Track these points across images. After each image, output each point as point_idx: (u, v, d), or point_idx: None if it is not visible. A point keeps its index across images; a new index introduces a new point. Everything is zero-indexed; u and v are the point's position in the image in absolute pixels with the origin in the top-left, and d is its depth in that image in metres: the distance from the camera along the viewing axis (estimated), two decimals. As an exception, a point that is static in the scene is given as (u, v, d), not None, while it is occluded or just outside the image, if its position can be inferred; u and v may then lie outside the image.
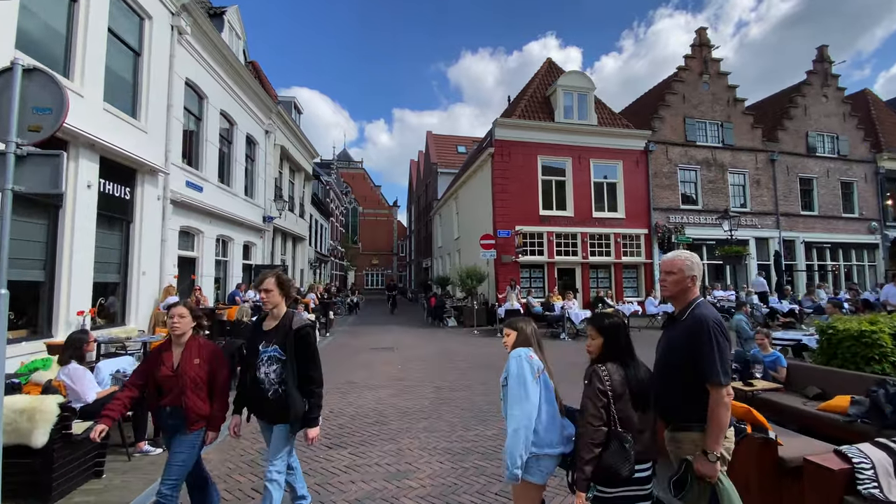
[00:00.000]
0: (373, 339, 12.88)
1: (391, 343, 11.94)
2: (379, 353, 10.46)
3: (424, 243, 33.86)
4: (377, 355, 10.06)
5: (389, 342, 12.10)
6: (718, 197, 18.67)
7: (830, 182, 20.07)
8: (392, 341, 12.20)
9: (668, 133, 18.37)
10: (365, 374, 8.02)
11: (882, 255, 20.38)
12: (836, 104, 20.55)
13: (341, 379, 7.60)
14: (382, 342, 12.13)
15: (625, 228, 17.47)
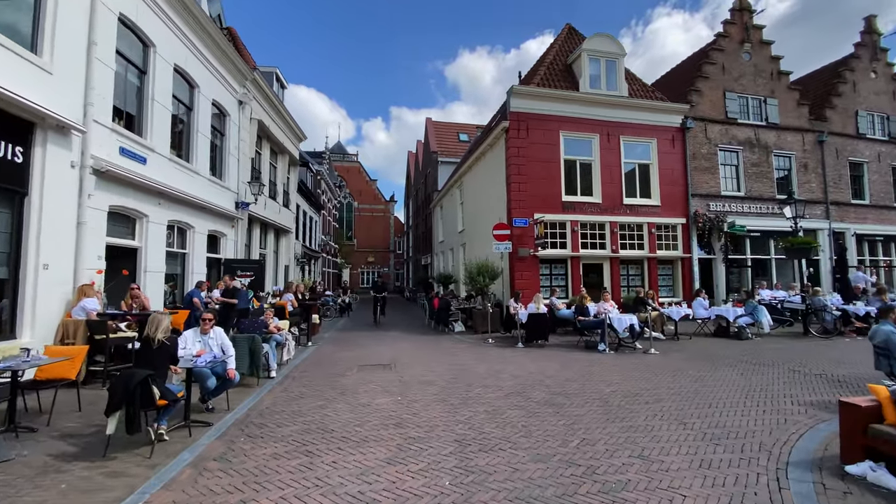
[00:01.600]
0: (364, 350, 10.41)
1: (388, 357, 9.47)
2: (371, 372, 7.99)
3: (423, 239, 31.38)
4: (369, 377, 7.59)
5: (385, 356, 9.63)
6: (762, 182, 16.34)
7: (882, 168, 17.79)
8: (388, 355, 9.74)
9: (707, 109, 16.00)
10: (349, 413, 5.55)
11: (941, 250, 18.14)
12: (886, 81, 18.29)
13: (312, 424, 5.13)
14: (376, 356, 9.66)
15: (660, 218, 15.08)
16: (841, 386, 6.74)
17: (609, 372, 7.81)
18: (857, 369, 7.82)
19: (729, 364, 8.41)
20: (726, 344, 10.81)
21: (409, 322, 17.21)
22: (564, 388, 6.67)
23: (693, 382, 7.01)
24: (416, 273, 33.83)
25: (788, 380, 7.16)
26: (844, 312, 11.77)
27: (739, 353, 9.60)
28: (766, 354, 9.35)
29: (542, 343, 10.86)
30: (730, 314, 11.60)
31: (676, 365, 8.39)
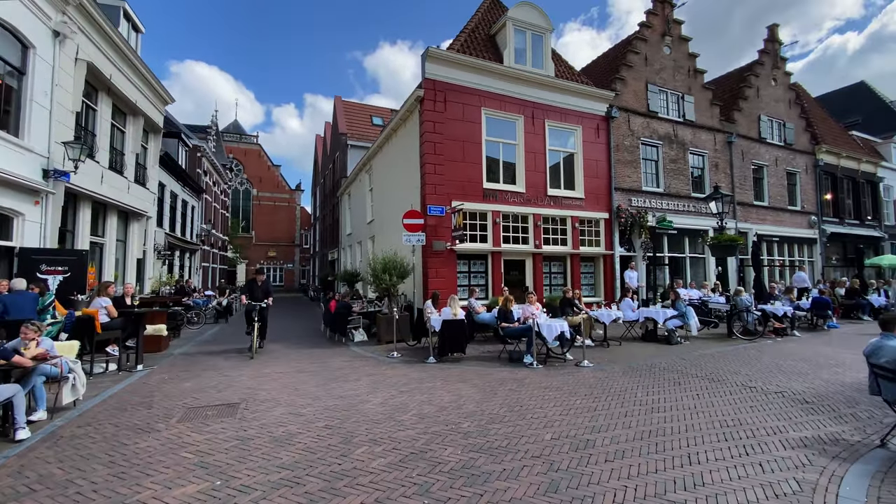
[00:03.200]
0: (215, 378, 7.52)
1: (243, 390, 6.73)
2: (202, 421, 5.27)
3: (330, 232, 28.12)
4: (191, 433, 4.88)
5: (240, 388, 6.87)
6: (680, 179, 16.09)
7: (778, 171, 18.73)
8: (245, 386, 6.99)
9: (631, 99, 15.28)
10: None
11: (819, 251, 19.62)
12: (784, 89, 19.33)
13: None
14: (227, 388, 6.87)
15: (584, 211, 13.96)
16: (812, 409, 5.54)
17: (543, 400, 5.94)
18: (810, 383, 6.85)
19: (675, 380, 7.05)
20: (658, 350, 9.71)
21: (301, 330, 14.28)
22: (489, 438, 4.60)
23: (648, 414, 5.38)
24: (321, 270, 30.37)
25: (751, 402, 5.85)
26: (763, 313, 11.38)
27: (678, 362, 8.43)
28: (707, 364, 8.25)
29: (459, 356, 8.84)
30: (659, 316, 10.59)
31: (618, 384, 6.82)
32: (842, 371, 7.61)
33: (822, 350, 9.55)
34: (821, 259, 19.43)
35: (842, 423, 5.11)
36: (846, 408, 5.62)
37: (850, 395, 6.11)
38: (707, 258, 16.52)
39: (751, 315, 11.26)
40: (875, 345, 4.64)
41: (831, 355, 8.97)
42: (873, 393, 4.73)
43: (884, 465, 3.98)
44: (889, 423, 5.04)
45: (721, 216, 11.71)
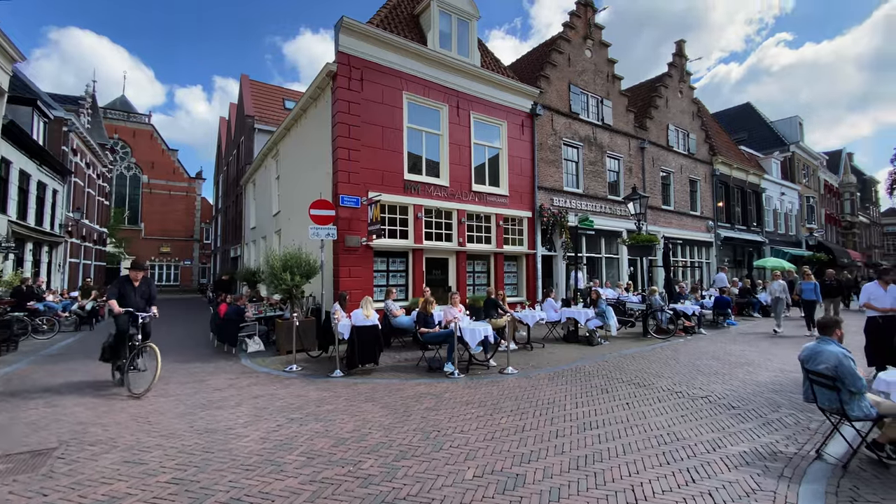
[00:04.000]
0: (41, 406, 5.64)
1: (71, 424, 5.02)
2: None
3: (233, 225, 25.20)
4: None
5: (70, 421, 5.14)
6: (598, 181, 16.38)
7: (682, 178, 20.02)
8: (80, 416, 5.26)
9: (555, 99, 15.19)
10: None
11: (714, 253, 21.37)
12: (688, 102, 20.75)
13: None
14: (54, 419, 5.11)
15: (508, 209, 13.50)
16: (740, 416, 5.27)
17: (465, 421, 5.04)
18: (729, 384, 6.75)
19: (602, 387, 6.58)
20: (580, 351, 9.38)
21: (184, 339, 12.10)
22: (395, 482, 3.57)
23: (580, 432, 4.72)
24: (223, 268, 27.18)
25: (681, 410, 5.48)
26: (674, 311, 11.67)
27: (601, 365, 8.07)
28: (630, 367, 7.98)
29: (372, 367, 7.70)
30: (581, 316, 10.33)
31: (546, 394, 6.17)
32: (753, 370, 7.71)
33: (729, 348, 9.87)
34: (715, 261, 21.20)
35: (772, 431, 4.84)
36: (770, 412, 5.45)
37: (770, 398, 6.02)
38: (621, 258, 17.05)
39: (664, 314, 11.50)
40: (812, 350, 4.36)
41: (738, 353, 9.24)
42: (808, 400, 4.47)
43: (831, 485, 3.63)
44: (816, 430, 4.89)
45: (639, 217, 11.85)
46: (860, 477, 3.82)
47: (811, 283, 11.76)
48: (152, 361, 6.59)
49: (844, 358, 4.07)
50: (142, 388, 6.18)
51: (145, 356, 6.95)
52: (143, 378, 6.63)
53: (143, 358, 6.93)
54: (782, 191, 26.87)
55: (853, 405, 4.01)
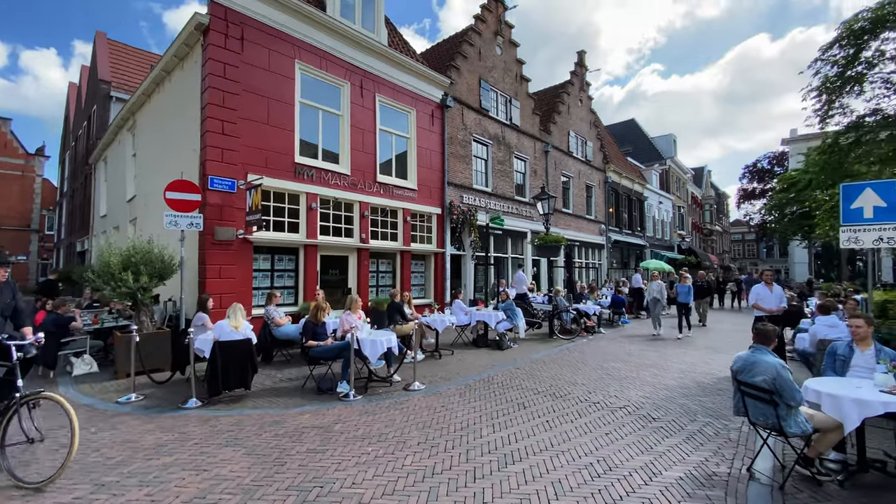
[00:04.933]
0: None
1: None
2: None
3: (81, 212, 20.61)
4: None
5: None
6: (505, 181, 16.18)
7: (580, 183, 20.90)
8: None
9: (465, 92, 14.57)
10: None
11: (606, 255, 22.74)
12: (587, 111, 21.77)
13: None
14: None
15: (416, 204, 12.50)
16: (663, 430, 4.85)
17: (359, 466, 3.87)
18: (641, 389, 6.49)
19: (518, 401, 5.87)
20: (491, 357, 8.72)
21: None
22: None
23: (503, 468, 3.85)
24: (66, 265, 22.12)
25: (604, 426, 4.94)
26: (577, 311, 11.69)
27: (514, 372, 7.43)
28: (542, 373, 7.46)
29: (242, 393, 6.09)
30: (492, 319, 9.72)
31: (458, 416, 5.24)
32: (658, 372, 7.67)
33: (628, 348, 9.99)
34: (606, 262, 22.60)
35: (698, 446, 4.46)
36: (689, 422, 5.15)
37: (683, 405, 5.80)
38: (527, 259, 17.09)
39: (568, 314, 11.43)
40: (746, 360, 3.98)
41: (638, 353, 9.34)
42: (739, 414, 4.11)
43: (779, 516, 3.18)
44: (737, 441, 4.62)
45: (547, 216, 11.66)
46: (797, 499, 3.47)
47: (686, 286, 11.56)
48: (60, 421, 3.81)
49: (783, 369, 3.73)
50: (43, 475, 3.61)
51: (36, 415, 3.88)
52: (40, 454, 4.07)
53: (33, 418, 3.84)
54: (660, 200, 29.93)
55: (790, 421, 3.67)
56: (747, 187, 42.95)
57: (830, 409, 3.73)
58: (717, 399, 6.08)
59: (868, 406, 3.57)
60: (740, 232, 57.14)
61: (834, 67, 8.20)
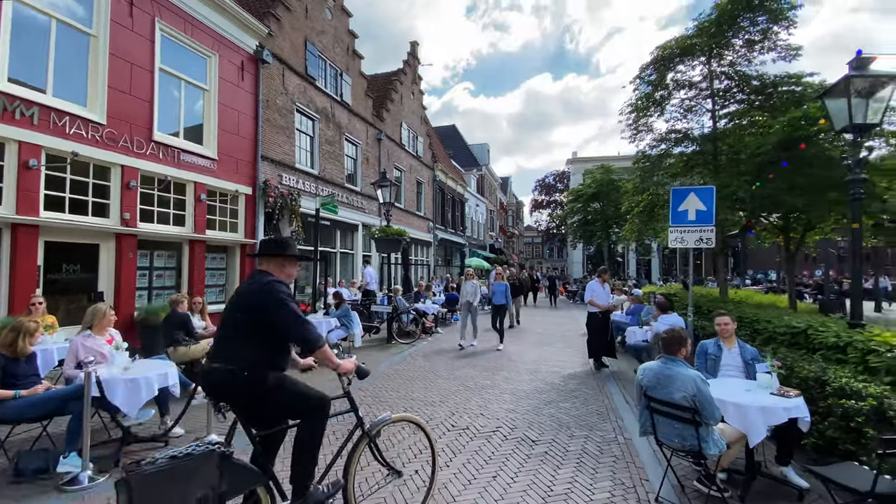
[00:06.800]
0: None
1: None
2: None
3: None
4: None
5: None
6: (335, 165, 14.19)
7: (411, 178, 20.30)
8: None
9: (288, 51, 12.04)
10: None
11: (433, 252, 22.78)
12: (419, 105, 21.29)
13: None
14: None
15: (216, 179, 9.53)
16: (550, 457, 4.01)
17: None
18: (505, 403, 5.68)
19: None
20: (318, 376, 6.82)
21: None
22: None
23: None
24: None
25: (486, 462, 3.85)
26: (417, 312, 10.72)
27: (357, 397, 5.79)
28: (392, 395, 6.05)
29: None
30: (321, 328, 7.81)
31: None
32: (510, 375, 7.15)
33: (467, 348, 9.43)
34: (433, 259, 22.67)
35: (594, 475, 3.75)
36: (570, 440, 4.49)
37: (553, 416, 5.20)
38: (356, 254, 15.44)
39: (408, 315, 10.34)
40: (658, 374, 3.33)
41: (482, 354, 8.86)
42: (645, 434, 3.48)
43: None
44: (627, 459, 4.08)
45: (388, 207, 10.32)
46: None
47: (503, 285, 10.02)
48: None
49: (702, 383, 3.16)
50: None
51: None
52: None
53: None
54: (477, 203, 32.09)
55: (709, 441, 3.14)
56: (538, 198, 50.42)
57: (735, 420, 3.37)
58: (575, 403, 5.71)
59: (773, 413, 3.29)
60: (531, 235, 67.15)
61: (648, 87, 9.23)
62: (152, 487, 1.82)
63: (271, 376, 2.41)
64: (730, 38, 8.55)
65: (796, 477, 3.52)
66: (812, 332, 4.69)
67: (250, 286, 2.55)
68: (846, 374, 3.65)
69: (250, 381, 2.33)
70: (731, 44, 8.62)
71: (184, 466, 1.95)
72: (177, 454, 1.98)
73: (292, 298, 2.52)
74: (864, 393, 3.33)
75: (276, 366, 2.50)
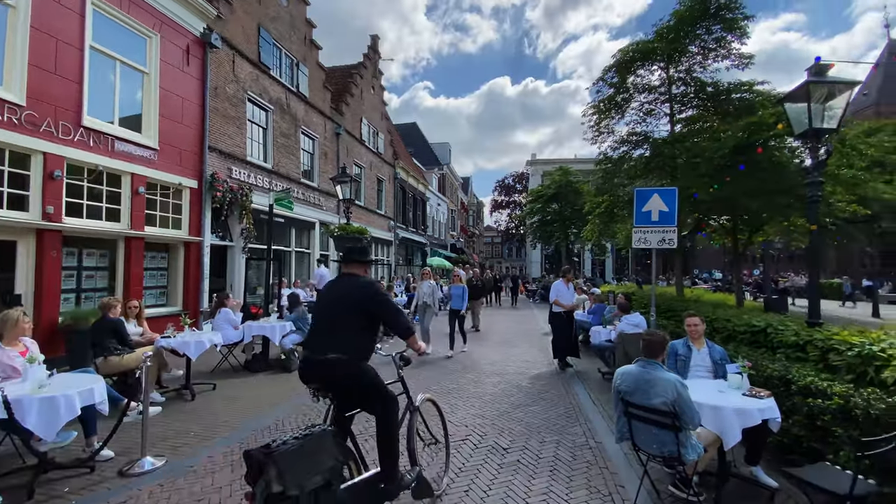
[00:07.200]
0: None
1: None
2: None
3: None
4: None
5: None
6: (290, 160, 13.51)
7: (372, 176, 19.78)
8: None
9: (240, 37, 11.29)
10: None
11: (394, 252, 22.33)
12: (379, 101, 20.77)
13: None
14: None
15: (156, 170, 8.73)
16: (519, 462, 3.84)
17: None
18: (472, 408, 5.47)
19: (333, 459, 3.96)
20: (277, 386, 6.38)
21: None
22: None
23: None
24: None
25: (457, 473, 3.59)
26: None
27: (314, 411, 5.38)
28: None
29: None
30: (275, 332, 7.31)
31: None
32: (476, 377, 6.96)
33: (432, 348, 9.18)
34: (394, 259, 22.22)
35: (569, 483, 3.61)
36: (541, 446, 4.34)
37: (522, 420, 5.05)
38: (313, 253, 14.79)
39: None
40: (637, 378, 3.21)
41: (444, 352, 8.64)
42: (622, 440, 3.37)
43: None
44: (601, 465, 3.97)
45: (349, 203, 9.89)
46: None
47: (460, 288, 9.32)
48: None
49: (682, 387, 3.07)
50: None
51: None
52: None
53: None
54: (438, 202, 31.90)
55: (688, 446, 3.06)
56: (498, 199, 50.96)
57: (711, 423, 3.33)
58: (544, 406, 5.61)
59: (748, 415, 3.27)
60: (490, 235, 67.86)
61: (610, 89, 9.36)
62: (294, 461, 2.17)
63: (364, 364, 2.72)
64: (686, 45, 8.82)
65: (765, 476, 3.54)
66: (771, 330, 4.80)
67: (353, 285, 2.86)
68: (811, 373, 3.71)
69: (354, 368, 2.65)
70: (687, 50, 8.89)
71: (311, 443, 2.33)
72: (298, 436, 2.34)
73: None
74: (830, 392, 3.37)
75: (369, 355, 2.80)
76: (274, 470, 2.09)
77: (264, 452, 2.15)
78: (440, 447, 3.62)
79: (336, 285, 3.01)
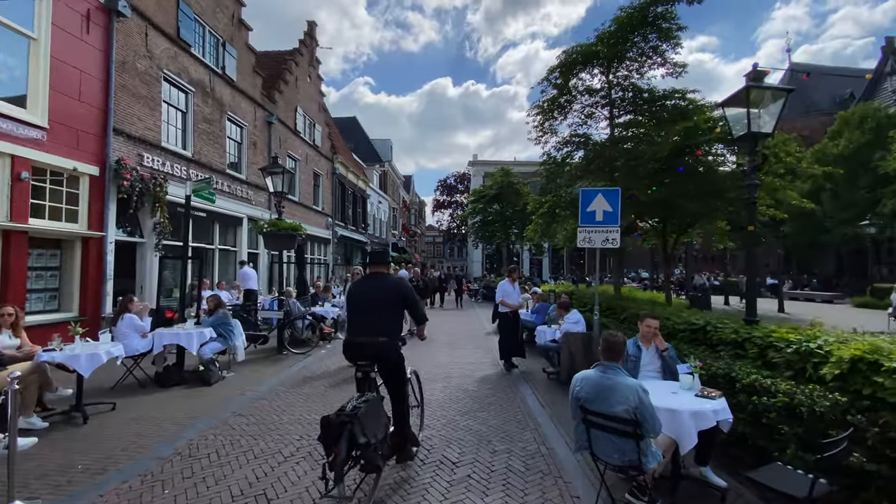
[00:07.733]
0: None
1: None
2: None
3: None
4: None
5: None
6: (214, 148, 12.31)
7: (308, 170, 18.70)
8: None
9: (153, 8, 10.01)
10: None
11: (332, 251, 21.31)
12: (316, 91, 19.70)
13: None
14: None
15: (45, 153, 7.42)
16: (470, 478, 3.54)
17: None
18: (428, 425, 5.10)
19: (257, 495, 3.40)
20: (191, 403, 5.57)
21: None
22: None
23: None
24: None
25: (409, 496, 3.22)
26: (314, 316, 9.66)
27: (234, 433, 4.66)
28: (283, 420, 5.08)
29: None
30: (191, 341, 6.45)
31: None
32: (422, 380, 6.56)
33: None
34: (332, 258, 21.21)
35: (523, 499, 3.38)
36: (492, 457, 4.07)
37: (470, 428, 4.75)
38: (241, 252, 13.60)
39: (303, 321, 9.23)
40: (597, 384, 3.02)
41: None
42: (582, 449, 3.17)
43: None
44: (555, 474, 3.77)
45: (280, 196, 9.13)
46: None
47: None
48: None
49: (644, 393, 2.92)
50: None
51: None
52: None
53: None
54: (380, 200, 31.08)
55: (649, 455, 2.92)
56: (440, 198, 50.93)
57: (668, 427, 3.22)
58: (492, 411, 5.37)
59: (703, 418, 3.20)
60: (432, 235, 67.77)
61: (554, 90, 9.40)
62: (369, 419, 2.93)
63: (398, 344, 3.54)
64: (625, 51, 9.07)
65: (715, 476, 3.51)
66: (711, 328, 4.91)
67: (388, 281, 3.67)
68: (753, 371, 3.76)
69: (396, 347, 3.49)
70: (626, 56, 9.15)
71: (373, 406, 3.09)
72: (360, 403, 2.98)
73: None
74: (774, 389, 3.40)
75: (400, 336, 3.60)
76: (359, 426, 2.76)
77: (347, 415, 2.78)
78: (418, 411, 4.51)
79: (368, 282, 3.71)
